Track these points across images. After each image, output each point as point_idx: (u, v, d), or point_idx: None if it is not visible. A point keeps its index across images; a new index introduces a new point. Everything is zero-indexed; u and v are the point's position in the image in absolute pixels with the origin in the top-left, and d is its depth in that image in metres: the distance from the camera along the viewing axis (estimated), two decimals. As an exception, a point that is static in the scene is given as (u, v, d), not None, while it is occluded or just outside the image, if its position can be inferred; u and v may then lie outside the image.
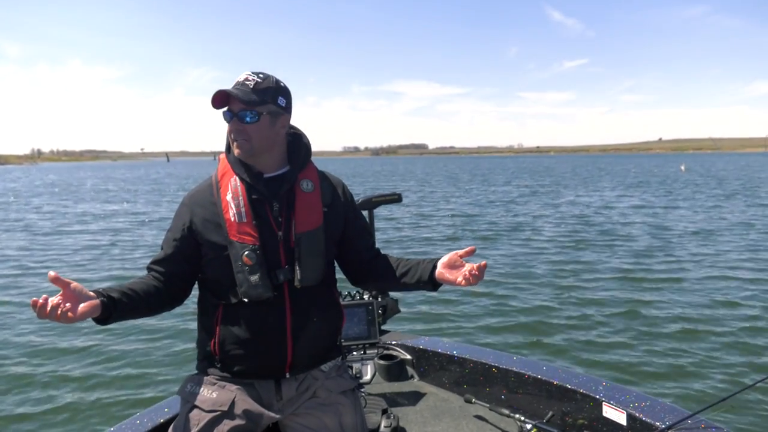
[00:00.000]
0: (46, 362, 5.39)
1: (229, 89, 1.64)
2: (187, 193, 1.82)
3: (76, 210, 21.75)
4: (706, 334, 5.77)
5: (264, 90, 1.66)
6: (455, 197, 25.77)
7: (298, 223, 1.70)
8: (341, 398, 1.77)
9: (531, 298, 7.41)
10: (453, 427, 2.29)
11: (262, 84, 1.66)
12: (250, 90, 1.64)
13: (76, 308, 1.42)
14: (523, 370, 2.37)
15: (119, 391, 4.74)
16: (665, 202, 21.04)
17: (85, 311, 1.44)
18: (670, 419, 1.86)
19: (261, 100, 1.64)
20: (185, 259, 1.73)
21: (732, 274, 8.51)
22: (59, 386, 4.84)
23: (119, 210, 21.60)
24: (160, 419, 1.99)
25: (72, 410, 4.40)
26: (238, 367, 1.70)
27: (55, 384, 4.89)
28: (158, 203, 24.79)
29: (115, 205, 24.01)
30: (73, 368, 5.23)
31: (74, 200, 27.16)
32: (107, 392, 4.73)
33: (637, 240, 11.96)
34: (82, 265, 10.50)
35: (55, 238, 14.12)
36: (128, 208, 22.51)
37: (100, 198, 28.33)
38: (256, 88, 1.65)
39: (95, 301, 1.47)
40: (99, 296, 1.49)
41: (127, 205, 23.63)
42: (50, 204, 25.19)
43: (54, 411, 4.39)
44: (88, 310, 1.44)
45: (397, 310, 3.02)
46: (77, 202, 26.27)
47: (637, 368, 4.97)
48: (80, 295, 1.45)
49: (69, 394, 4.69)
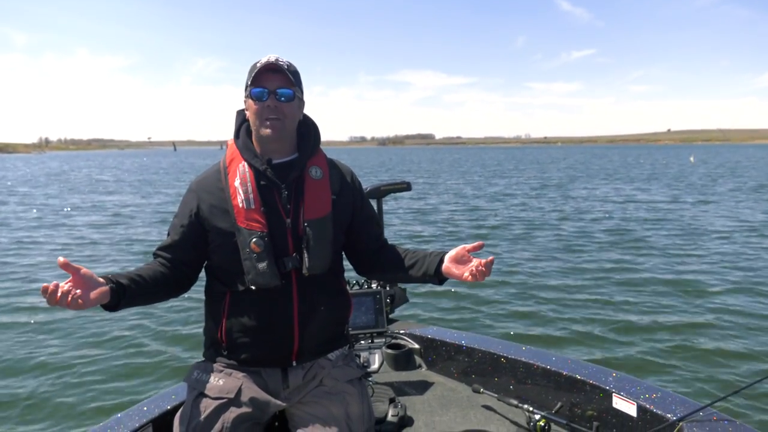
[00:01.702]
0: (49, 349, 5.43)
1: (279, 63, 1.63)
2: (194, 178, 1.80)
3: (67, 202, 21.10)
4: (718, 326, 5.72)
5: (295, 73, 1.68)
6: (463, 187, 25.70)
7: (306, 211, 1.68)
8: (348, 387, 1.75)
9: (541, 288, 7.38)
10: (461, 416, 2.28)
11: (292, 67, 1.67)
12: (287, 69, 1.64)
13: (87, 295, 1.39)
14: (531, 361, 2.35)
15: (126, 379, 4.77)
16: (678, 195, 20.89)
17: (95, 298, 1.41)
18: (681, 411, 1.84)
19: (296, 81, 1.67)
20: (192, 245, 1.71)
21: (745, 265, 8.43)
22: (64, 373, 4.87)
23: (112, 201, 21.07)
24: (167, 406, 1.99)
25: (78, 397, 4.43)
26: (245, 354, 1.69)
27: (60, 371, 4.92)
28: (150, 194, 24.17)
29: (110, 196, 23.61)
30: (80, 355, 5.27)
31: (66, 191, 26.55)
32: (114, 380, 4.76)
33: (649, 233, 11.88)
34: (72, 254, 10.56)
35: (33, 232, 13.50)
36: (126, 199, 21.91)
37: (97, 190, 27.44)
38: (290, 69, 1.65)
39: (104, 288, 1.44)
40: (108, 282, 1.48)
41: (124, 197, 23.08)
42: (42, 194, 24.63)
43: (60, 398, 4.42)
44: (97, 297, 1.42)
45: (405, 299, 3.00)
46: (68, 192, 25.69)
47: (648, 359, 4.94)
48: (90, 281, 1.42)
49: (76, 380, 4.72)
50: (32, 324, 6.12)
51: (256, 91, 1.64)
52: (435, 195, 22.04)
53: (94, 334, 5.80)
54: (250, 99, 1.66)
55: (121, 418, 1.94)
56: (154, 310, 6.46)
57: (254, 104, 1.65)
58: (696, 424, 1.77)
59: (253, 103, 1.65)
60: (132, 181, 33.26)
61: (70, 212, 17.35)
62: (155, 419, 1.94)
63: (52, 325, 6.06)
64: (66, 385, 4.64)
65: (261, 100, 1.64)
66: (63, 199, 21.88)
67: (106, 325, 6.02)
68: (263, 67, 1.63)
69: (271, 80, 1.63)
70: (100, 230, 13.45)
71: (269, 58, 1.64)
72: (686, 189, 22.91)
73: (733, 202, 17.61)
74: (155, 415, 1.95)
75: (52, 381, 4.71)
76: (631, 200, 18.63)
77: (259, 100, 1.64)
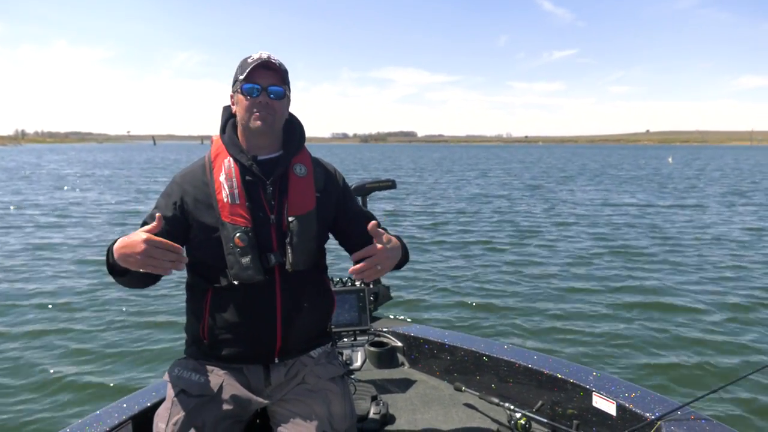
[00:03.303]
0: (31, 344, 5.34)
1: (272, 61, 1.65)
2: (178, 171, 1.79)
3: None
4: (697, 327, 5.81)
5: (285, 72, 1.70)
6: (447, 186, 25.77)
7: (291, 207, 1.68)
8: (330, 384, 1.75)
9: (522, 287, 7.43)
10: (442, 414, 2.28)
11: (284, 66, 1.69)
12: (279, 68, 1.66)
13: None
14: (513, 359, 2.36)
15: (105, 376, 4.70)
16: (654, 194, 21.15)
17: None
18: (660, 410, 1.86)
19: (286, 80, 1.70)
20: (170, 236, 1.68)
21: (723, 265, 8.57)
22: (42, 369, 4.79)
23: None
24: (147, 403, 1.97)
25: (57, 393, 4.36)
26: (227, 351, 1.68)
27: (37, 367, 4.84)
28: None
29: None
30: (58, 351, 5.19)
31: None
32: (93, 376, 4.69)
33: (627, 232, 12.01)
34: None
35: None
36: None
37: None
38: (281, 68, 1.68)
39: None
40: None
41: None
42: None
43: (37, 393, 4.35)
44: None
45: (389, 297, 3.01)
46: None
47: (627, 359, 5.00)
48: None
49: (53, 377, 4.65)
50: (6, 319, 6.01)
51: (247, 86, 1.63)
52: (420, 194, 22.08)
53: (71, 330, 5.71)
54: (240, 94, 1.65)
55: (100, 415, 1.91)
56: (133, 305, 6.39)
57: (245, 99, 1.64)
58: (674, 422, 1.80)
59: (243, 98, 1.65)
60: (99, 177, 30.28)
61: (13, 211, 15.25)
62: (135, 416, 1.91)
63: (25, 317, 5.97)
64: (40, 382, 4.56)
65: (252, 96, 1.64)
66: (17, 195, 19.73)
67: (83, 319, 5.94)
68: (257, 64, 1.63)
69: (264, 77, 1.64)
70: (46, 230, 11.87)
71: (261, 55, 1.64)
72: (660, 190, 23.19)
73: (714, 204, 17.87)
74: (135, 412, 1.92)
75: (24, 379, 4.62)
76: (611, 202, 18.81)
77: (250, 96, 1.64)
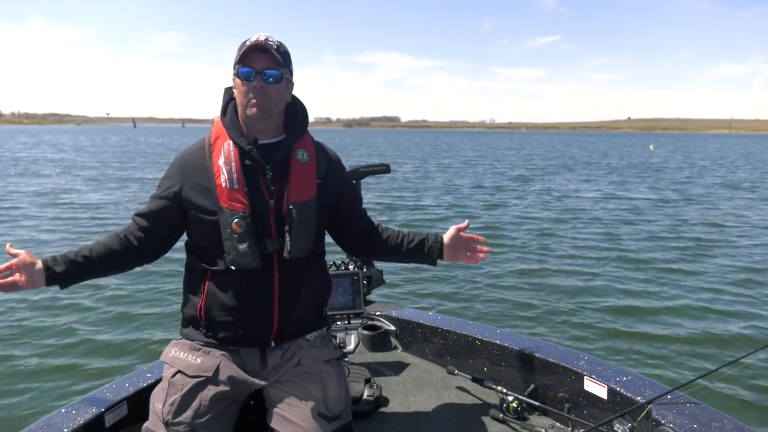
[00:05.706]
0: (28, 324, 5.34)
1: (268, 43, 1.61)
2: (178, 154, 1.77)
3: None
4: (688, 313, 5.88)
5: (285, 53, 1.66)
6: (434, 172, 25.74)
7: (291, 193, 1.67)
8: (325, 367, 1.76)
9: (514, 272, 7.47)
10: (435, 397, 2.31)
11: (282, 47, 1.65)
12: (275, 50, 1.62)
13: (22, 279, 1.58)
14: (506, 343, 2.38)
15: (101, 356, 4.72)
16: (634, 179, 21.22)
17: (26, 281, 1.58)
18: (651, 394, 1.89)
19: (284, 62, 1.65)
20: (167, 221, 1.71)
21: (712, 253, 8.64)
22: (39, 351, 4.80)
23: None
24: (142, 384, 1.98)
25: (53, 374, 4.38)
26: (224, 333, 1.69)
27: (34, 349, 4.85)
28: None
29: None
30: (55, 332, 5.19)
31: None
32: (89, 357, 4.71)
33: (620, 218, 12.07)
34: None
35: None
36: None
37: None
38: (279, 50, 1.64)
39: (38, 274, 1.59)
40: (45, 269, 1.60)
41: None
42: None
43: (34, 375, 4.37)
44: (30, 281, 1.58)
45: (382, 280, 3.01)
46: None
47: (619, 344, 5.07)
48: (27, 265, 1.58)
49: (51, 358, 4.66)
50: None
51: (243, 70, 1.61)
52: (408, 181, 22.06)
53: (67, 311, 5.71)
54: (237, 78, 1.63)
55: (95, 395, 1.91)
56: (128, 285, 6.39)
57: (241, 84, 1.63)
58: (664, 406, 1.82)
59: (240, 83, 1.63)
60: (67, 162, 27.97)
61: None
62: (130, 397, 1.92)
63: (19, 304, 5.96)
64: (38, 363, 4.57)
65: (248, 80, 1.61)
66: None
67: (80, 301, 5.93)
68: (251, 47, 1.60)
69: (259, 60, 1.61)
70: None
71: (258, 37, 1.61)
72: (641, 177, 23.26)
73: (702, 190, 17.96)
74: (130, 393, 1.93)
75: (22, 361, 4.63)
76: (604, 190, 18.88)
77: (246, 80, 1.62)
